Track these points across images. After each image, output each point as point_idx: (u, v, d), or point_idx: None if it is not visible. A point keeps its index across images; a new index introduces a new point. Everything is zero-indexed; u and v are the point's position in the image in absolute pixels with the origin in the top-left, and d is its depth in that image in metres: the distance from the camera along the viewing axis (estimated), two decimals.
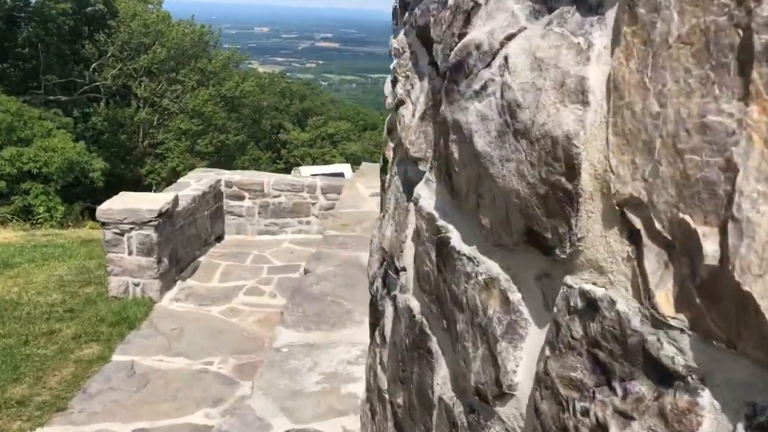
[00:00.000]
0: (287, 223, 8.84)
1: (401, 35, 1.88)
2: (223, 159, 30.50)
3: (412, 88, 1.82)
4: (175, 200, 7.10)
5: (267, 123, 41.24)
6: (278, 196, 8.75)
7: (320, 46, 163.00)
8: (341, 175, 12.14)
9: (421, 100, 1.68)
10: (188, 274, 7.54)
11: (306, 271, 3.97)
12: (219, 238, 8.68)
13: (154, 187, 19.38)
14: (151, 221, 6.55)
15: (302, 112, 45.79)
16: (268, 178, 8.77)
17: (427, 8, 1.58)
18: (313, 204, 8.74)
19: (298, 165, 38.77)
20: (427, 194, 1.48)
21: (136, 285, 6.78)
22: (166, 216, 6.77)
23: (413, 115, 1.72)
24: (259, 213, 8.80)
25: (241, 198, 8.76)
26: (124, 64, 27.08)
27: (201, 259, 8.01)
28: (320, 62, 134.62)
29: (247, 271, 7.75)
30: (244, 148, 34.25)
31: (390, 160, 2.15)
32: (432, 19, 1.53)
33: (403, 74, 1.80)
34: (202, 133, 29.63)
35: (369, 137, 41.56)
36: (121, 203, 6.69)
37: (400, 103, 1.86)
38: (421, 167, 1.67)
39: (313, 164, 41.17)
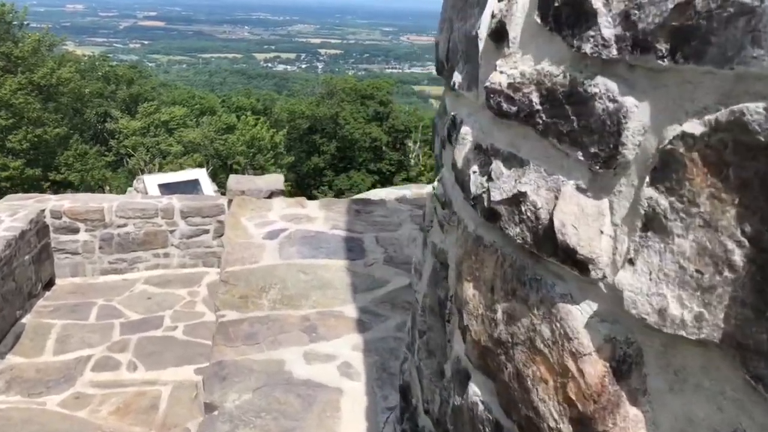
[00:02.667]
0: (139, 257, 6.94)
1: None
2: (42, 156, 26.46)
3: None
4: None
5: (91, 112, 36.77)
6: (124, 224, 6.81)
7: (144, 25, 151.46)
8: (196, 182, 10.23)
9: None
10: (8, 347, 5.49)
11: (209, 408, 2.47)
12: (48, 284, 6.60)
13: None
14: None
15: (131, 98, 41.40)
16: (109, 203, 6.78)
17: None
18: (172, 232, 6.93)
19: (141, 171, 34.95)
20: None
21: None
22: None
23: None
24: (100, 248, 6.81)
25: (75, 230, 6.71)
26: None
27: (25, 320, 5.94)
28: (145, 42, 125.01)
29: (93, 331, 5.83)
30: (66, 142, 30.07)
31: None
32: None
33: None
34: (13, 127, 25.41)
35: (208, 123, 38.54)
36: None
37: None
38: None
39: (147, 154, 37.51)
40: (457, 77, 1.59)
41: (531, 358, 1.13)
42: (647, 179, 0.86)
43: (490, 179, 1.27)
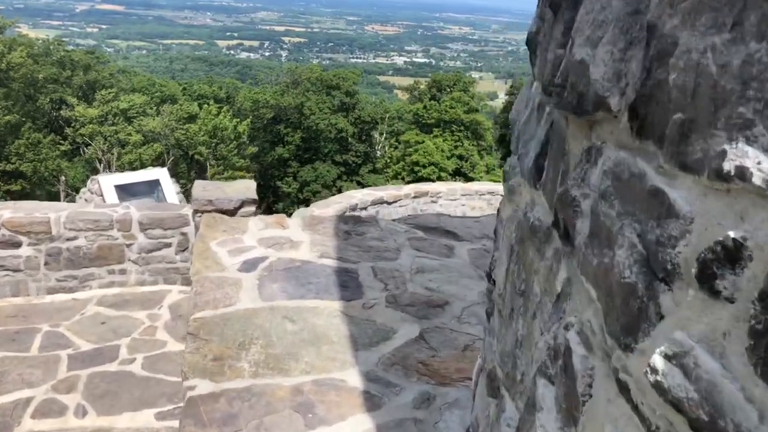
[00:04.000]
0: (91, 274, 6.09)
1: None
2: None
3: None
4: None
5: (45, 99, 34.96)
6: (74, 237, 5.95)
7: (102, 8, 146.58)
8: (156, 183, 9.34)
9: None
10: None
11: None
12: None
13: None
14: None
15: (87, 84, 39.59)
16: (56, 213, 5.90)
17: None
18: (129, 245, 6.09)
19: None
20: None
21: None
22: None
23: None
24: (46, 264, 5.93)
25: (17, 244, 5.82)
26: None
27: None
28: (103, 27, 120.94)
29: (35, 366, 4.99)
30: (17, 131, 28.47)
31: None
32: None
33: None
34: None
35: (169, 111, 37.04)
36: None
37: None
38: None
39: (106, 143, 35.86)
40: None
41: None
42: None
43: None
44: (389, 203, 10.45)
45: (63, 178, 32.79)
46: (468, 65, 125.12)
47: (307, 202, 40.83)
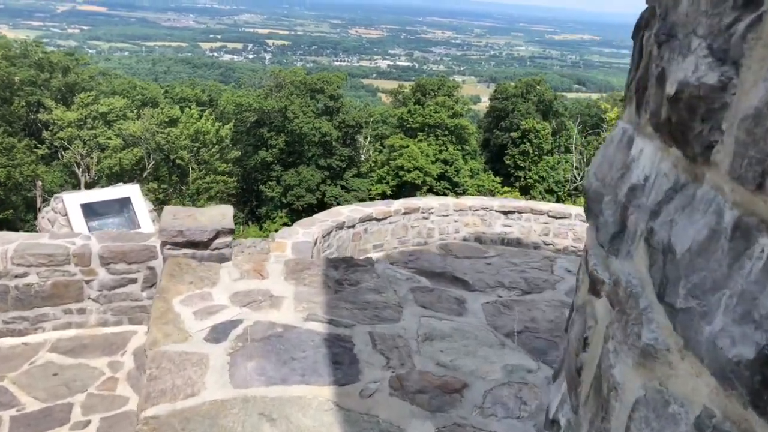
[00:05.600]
0: (44, 315, 5.30)
1: None
2: None
3: None
4: None
5: (21, 102, 33.81)
6: (25, 274, 5.15)
7: (83, 9, 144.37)
8: (127, 202, 8.53)
9: None
10: None
11: None
12: None
13: None
14: None
15: (66, 87, 38.40)
16: (3, 246, 5.11)
17: None
18: (88, 282, 5.31)
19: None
20: None
21: None
22: None
23: None
24: None
25: None
26: None
27: None
28: (85, 28, 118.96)
29: None
30: None
31: None
32: None
33: None
34: None
35: (150, 115, 35.95)
36: None
37: None
38: None
39: (84, 147, 34.66)
40: None
41: None
42: None
43: None
44: (378, 220, 9.74)
45: (39, 183, 31.63)
46: (451, 69, 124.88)
47: (290, 207, 39.96)
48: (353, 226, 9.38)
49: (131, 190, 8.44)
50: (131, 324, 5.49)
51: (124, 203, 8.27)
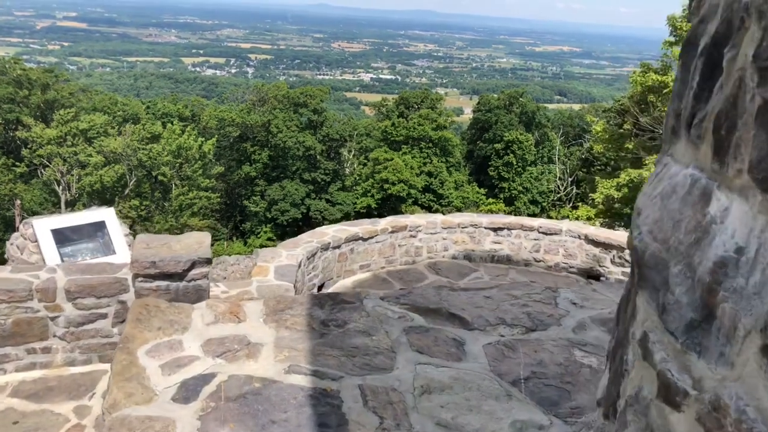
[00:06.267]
0: (5, 355, 4.87)
1: None
2: None
3: None
4: None
5: None
6: None
7: (63, 25, 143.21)
8: (102, 226, 8.10)
9: None
10: None
11: None
12: None
13: None
14: None
15: (46, 104, 37.80)
16: None
17: None
18: (54, 318, 4.89)
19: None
20: None
21: None
22: None
23: None
24: None
25: None
26: None
27: None
28: (65, 44, 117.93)
29: None
30: None
31: None
32: None
33: None
34: None
35: (132, 131, 35.36)
36: None
37: None
38: None
39: (65, 165, 33.98)
40: None
41: None
42: None
43: None
44: (365, 239, 9.38)
45: (18, 201, 30.89)
46: (434, 81, 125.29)
47: (275, 221, 39.45)
48: (339, 247, 9.01)
49: (106, 214, 8.01)
50: (101, 362, 5.07)
51: (99, 227, 7.84)
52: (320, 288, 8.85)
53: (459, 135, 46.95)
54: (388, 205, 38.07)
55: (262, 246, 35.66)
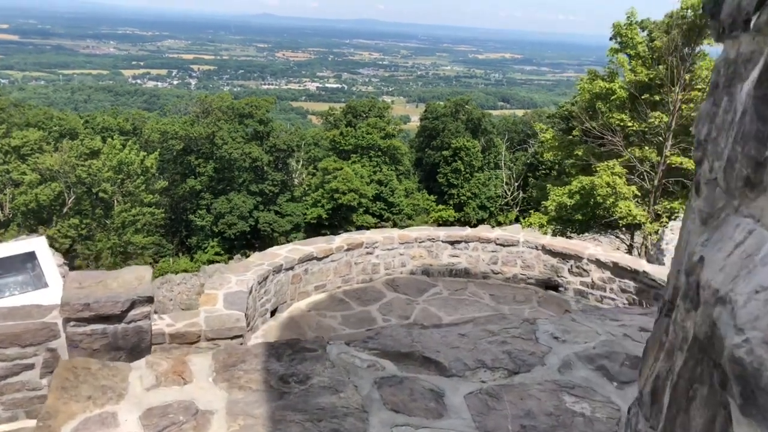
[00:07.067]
0: None
1: None
2: None
3: None
4: None
5: None
6: None
7: None
8: (32, 257, 7.41)
9: None
10: None
11: None
12: None
13: None
14: None
15: None
16: None
17: None
18: None
19: None
20: None
21: None
22: None
23: None
24: None
25: None
26: None
27: None
28: None
29: None
30: None
31: None
32: None
33: None
34: None
35: (69, 147, 33.80)
36: None
37: None
38: None
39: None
40: None
41: None
42: None
43: None
44: (319, 259, 8.96)
45: None
46: (380, 90, 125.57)
47: (222, 235, 38.38)
48: (292, 268, 8.56)
49: (36, 244, 7.33)
50: (29, 418, 4.49)
51: (29, 258, 7.16)
52: (273, 313, 8.38)
53: (407, 143, 46.96)
54: (339, 215, 37.61)
55: (210, 261, 34.59)
